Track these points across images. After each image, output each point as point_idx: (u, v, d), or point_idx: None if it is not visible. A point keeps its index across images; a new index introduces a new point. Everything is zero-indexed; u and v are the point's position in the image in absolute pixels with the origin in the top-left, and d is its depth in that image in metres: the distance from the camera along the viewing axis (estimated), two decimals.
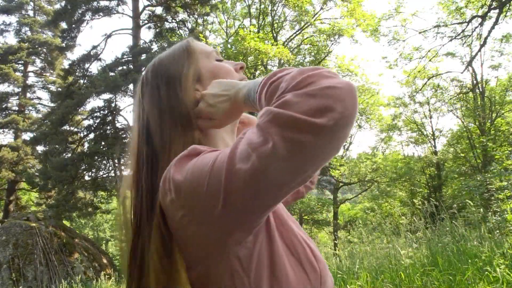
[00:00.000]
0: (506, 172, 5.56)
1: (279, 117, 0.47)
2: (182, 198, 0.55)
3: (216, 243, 0.56)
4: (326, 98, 0.47)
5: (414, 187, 16.03)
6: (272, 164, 0.47)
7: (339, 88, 0.48)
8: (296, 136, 0.46)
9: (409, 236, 4.76)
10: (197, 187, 0.53)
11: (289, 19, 15.60)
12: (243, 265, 0.56)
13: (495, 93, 14.69)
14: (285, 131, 0.46)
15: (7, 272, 7.41)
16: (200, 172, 0.54)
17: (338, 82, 0.49)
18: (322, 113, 0.46)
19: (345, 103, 0.48)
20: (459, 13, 12.44)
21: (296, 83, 0.50)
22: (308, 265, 0.61)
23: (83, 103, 11.97)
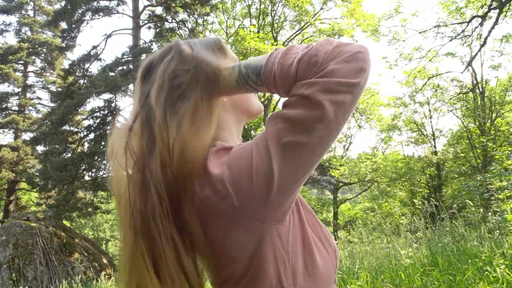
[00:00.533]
0: (506, 172, 5.56)
1: (328, 84, 0.54)
2: (227, 188, 0.57)
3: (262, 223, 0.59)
4: (358, 61, 0.56)
5: (414, 187, 16.03)
6: (322, 128, 0.55)
7: (363, 52, 0.58)
8: (341, 98, 0.55)
9: (409, 236, 4.76)
10: (243, 172, 0.57)
11: (289, 19, 15.62)
12: (283, 243, 0.61)
13: (495, 93, 14.69)
14: (332, 95, 0.54)
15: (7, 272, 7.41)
16: (244, 158, 0.58)
17: (360, 47, 0.58)
18: (357, 74, 0.56)
19: (369, 63, 0.58)
20: (459, 13, 12.44)
21: (330, 55, 0.57)
22: (326, 241, 0.69)
23: (83, 103, 11.96)
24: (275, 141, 0.56)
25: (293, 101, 0.57)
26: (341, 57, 0.56)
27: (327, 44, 0.59)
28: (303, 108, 0.55)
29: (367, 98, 16.39)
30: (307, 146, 0.55)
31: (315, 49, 0.58)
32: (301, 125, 0.55)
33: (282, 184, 0.56)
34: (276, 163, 0.55)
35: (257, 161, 0.56)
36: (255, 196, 0.56)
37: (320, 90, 0.54)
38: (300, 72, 0.57)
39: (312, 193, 19.40)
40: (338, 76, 0.54)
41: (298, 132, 0.55)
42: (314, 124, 0.54)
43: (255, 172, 0.56)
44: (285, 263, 0.61)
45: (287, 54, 0.60)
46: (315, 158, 0.57)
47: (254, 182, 0.56)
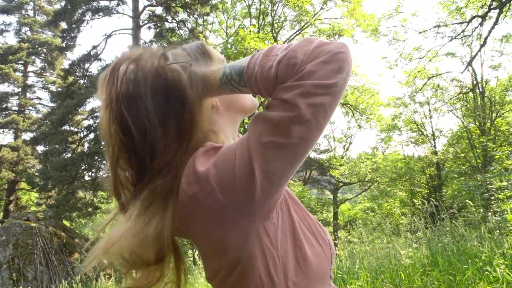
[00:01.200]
0: (506, 172, 5.55)
1: (304, 86, 0.55)
2: (213, 185, 0.59)
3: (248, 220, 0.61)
4: (337, 62, 0.57)
5: (414, 187, 16.02)
6: (301, 129, 0.56)
7: (344, 52, 0.58)
8: (318, 100, 0.55)
9: (409, 236, 4.76)
10: (228, 170, 0.59)
11: (289, 19, 15.62)
12: (271, 239, 0.62)
13: (495, 93, 14.68)
14: (309, 98, 0.55)
15: (7, 272, 7.41)
16: (228, 157, 0.60)
17: (340, 46, 0.58)
18: (335, 74, 0.56)
19: (349, 62, 0.58)
20: (459, 13, 12.43)
21: (309, 57, 0.57)
22: (320, 238, 0.70)
23: (83, 103, 11.96)
24: (255, 140, 0.57)
25: (273, 104, 0.58)
26: (320, 58, 0.56)
27: (307, 44, 0.59)
28: (281, 110, 0.56)
29: (367, 98, 16.39)
30: (287, 146, 0.56)
31: (294, 50, 0.58)
32: (280, 127, 0.56)
33: (263, 183, 0.57)
34: (256, 162, 0.57)
35: (239, 160, 0.58)
36: (238, 194, 0.58)
37: (298, 94, 0.55)
38: (279, 74, 0.58)
39: (312, 193, 19.40)
40: (315, 78, 0.55)
41: (277, 133, 0.56)
42: (292, 125, 0.55)
43: (237, 170, 0.58)
44: (275, 259, 0.62)
45: (268, 56, 0.61)
46: (298, 158, 0.59)
47: (237, 180, 0.58)
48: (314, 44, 0.59)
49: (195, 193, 0.60)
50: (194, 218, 0.63)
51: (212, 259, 0.67)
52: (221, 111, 0.76)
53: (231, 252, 0.62)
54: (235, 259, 0.62)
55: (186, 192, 0.62)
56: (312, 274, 0.65)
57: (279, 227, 0.64)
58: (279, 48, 0.62)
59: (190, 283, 5.11)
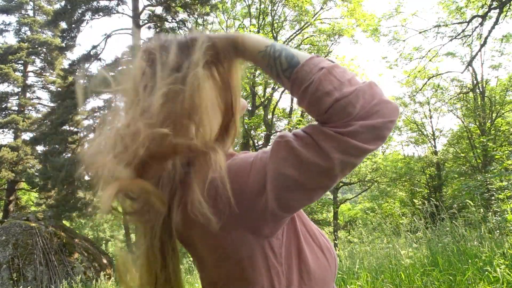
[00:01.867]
0: (506, 172, 5.55)
1: (345, 144, 0.54)
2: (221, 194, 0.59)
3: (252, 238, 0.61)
4: (386, 130, 0.56)
5: (414, 187, 16.02)
6: (324, 179, 0.56)
7: (394, 122, 0.57)
8: (353, 160, 0.55)
9: (409, 236, 4.76)
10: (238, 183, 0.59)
11: (289, 19, 15.60)
12: (276, 254, 0.62)
13: (495, 93, 14.68)
14: (345, 156, 0.55)
15: (7, 272, 7.41)
16: (242, 169, 0.60)
17: (395, 113, 0.57)
18: (376, 141, 0.56)
19: (390, 131, 0.58)
20: (459, 13, 12.43)
21: (364, 113, 0.55)
22: (327, 250, 0.70)
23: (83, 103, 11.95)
24: (276, 166, 0.57)
25: (308, 141, 0.56)
26: (372, 121, 0.54)
27: (369, 95, 0.56)
28: (315, 155, 0.55)
29: None
30: (308, 189, 0.57)
31: (356, 95, 0.55)
32: (307, 170, 0.55)
33: (274, 209, 0.58)
34: (270, 186, 0.57)
35: (253, 176, 0.58)
36: (246, 209, 0.59)
37: (337, 148, 0.54)
38: (331, 112, 0.55)
39: None
40: (359, 140, 0.54)
41: (302, 173, 0.55)
42: (320, 176, 0.56)
43: (249, 186, 0.58)
44: (279, 275, 0.62)
45: (331, 74, 0.56)
46: (313, 199, 0.60)
47: (245, 194, 0.58)
48: (376, 99, 0.56)
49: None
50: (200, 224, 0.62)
51: (213, 266, 0.66)
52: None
53: (233, 262, 0.62)
54: (237, 269, 0.62)
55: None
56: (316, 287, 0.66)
57: (283, 243, 0.64)
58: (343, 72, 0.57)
59: (190, 283, 5.11)
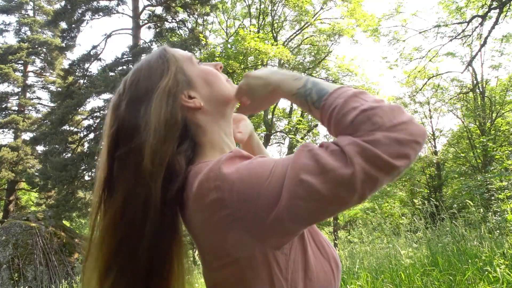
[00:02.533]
0: (506, 172, 5.56)
1: (368, 152, 0.52)
2: (234, 197, 0.57)
3: (257, 247, 0.59)
4: (410, 149, 0.54)
5: (414, 187, 16.02)
6: (344, 189, 0.53)
7: (421, 143, 0.56)
8: (375, 173, 0.52)
9: (409, 236, 4.76)
10: (254, 189, 0.56)
11: (289, 19, 15.61)
12: (281, 269, 0.60)
13: (495, 93, 14.68)
14: (368, 165, 0.52)
15: (7, 272, 7.41)
16: (259, 175, 0.57)
17: (423, 135, 0.56)
18: (401, 159, 0.53)
19: (417, 154, 0.56)
20: (459, 13, 12.44)
21: (390, 126, 0.54)
22: (333, 262, 0.69)
23: (83, 103, 11.96)
24: (295, 173, 0.54)
25: (332, 148, 0.55)
26: (396, 136, 0.53)
27: (397, 112, 0.56)
28: (336, 160, 0.53)
29: None
30: (322, 198, 0.53)
31: (383, 109, 0.55)
32: (327, 175, 0.53)
33: (281, 217, 0.55)
34: (285, 193, 0.54)
35: (270, 184, 0.56)
36: (254, 215, 0.56)
37: (361, 155, 0.52)
38: (356, 122, 0.55)
39: None
40: (381, 151, 0.52)
41: (320, 181, 0.53)
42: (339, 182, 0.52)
43: (264, 193, 0.56)
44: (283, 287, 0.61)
45: (357, 96, 0.58)
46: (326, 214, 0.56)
47: (258, 201, 0.56)
48: (403, 117, 0.55)
49: (214, 200, 0.58)
50: (206, 223, 0.61)
51: (214, 269, 0.64)
52: (207, 110, 0.73)
53: (234, 269, 0.60)
54: (237, 276, 0.60)
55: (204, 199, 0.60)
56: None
57: (291, 259, 0.62)
58: (371, 97, 0.59)
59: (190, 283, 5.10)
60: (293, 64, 13.17)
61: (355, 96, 0.58)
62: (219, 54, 11.03)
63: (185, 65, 0.75)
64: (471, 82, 15.12)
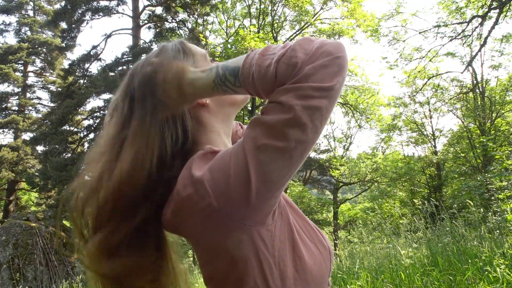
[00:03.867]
0: (506, 172, 5.55)
1: (299, 89, 0.55)
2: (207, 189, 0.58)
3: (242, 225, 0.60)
4: (335, 66, 0.56)
5: (414, 187, 16.02)
6: (295, 130, 0.55)
7: (342, 56, 0.57)
8: (315, 103, 0.55)
9: (409, 236, 4.76)
10: (224, 174, 0.58)
11: (289, 19, 15.61)
12: (267, 246, 0.61)
13: (495, 93, 14.68)
14: (304, 100, 0.54)
15: (7, 272, 7.41)
16: (225, 160, 0.59)
17: (340, 49, 0.58)
18: (332, 78, 0.56)
19: (346, 66, 0.58)
20: (459, 13, 12.43)
21: (308, 58, 0.56)
22: (320, 244, 0.70)
23: (83, 103, 11.97)
24: (250, 144, 0.57)
25: (269, 108, 0.58)
26: (318, 61, 0.56)
27: (307, 43, 0.58)
28: (277, 113, 0.56)
29: (367, 98, 16.39)
30: (283, 149, 0.55)
31: (293, 49, 0.58)
32: (275, 129, 0.55)
33: (259, 187, 0.56)
34: (251, 166, 0.56)
35: (234, 164, 0.57)
36: (233, 198, 0.58)
37: (294, 96, 0.55)
38: (279, 73, 0.57)
39: (312, 193, 19.40)
40: (313, 81, 0.55)
41: (273, 136, 0.55)
42: (288, 128, 0.55)
43: (233, 174, 0.57)
44: (271, 266, 0.61)
45: (264, 55, 0.59)
46: (294, 161, 0.58)
47: (231, 184, 0.57)
48: (315, 44, 0.58)
49: (189, 195, 0.60)
50: (188, 220, 0.63)
51: (206, 263, 0.66)
52: (212, 109, 0.75)
53: (224, 257, 0.61)
54: (229, 264, 0.61)
55: (181, 194, 0.61)
56: (311, 282, 0.65)
57: (276, 236, 0.63)
58: (276, 47, 0.60)
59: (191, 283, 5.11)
60: None
61: (263, 56, 0.59)
62: (219, 54, 11.02)
63: (200, 60, 0.76)
64: (471, 82, 15.12)
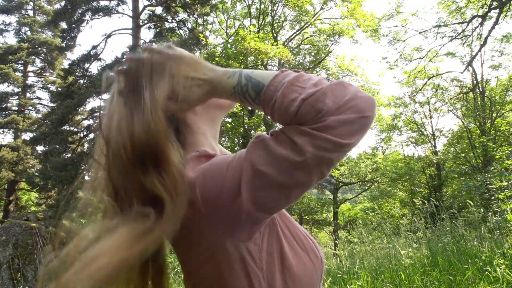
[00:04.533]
0: (506, 172, 5.56)
1: (317, 139, 0.53)
2: (198, 195, 0.58)
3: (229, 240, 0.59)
4: (360, 125, 0.54)
5: (414, 187, 16.02)
6: (301, 174, 0.54)
7: (371, 116, 0.55)
8: (327, 155, 0.54)
9: (409, 236, 4.76)
10: (216, 184, 0.58)
11: (289, 19, 15.62)
12: (255, 259, 0.61)
13: (495, 93, 14.68)
14: (319, 151, 0.53)
15: (7, 272, 7.41)
16: (220, 171, 0.58)
17: (371, 106, 0.55)
18: (353, 136, 0.54)
19: (369, 126, 0.57)
20: (459, 13, 12.44)
21: (336, 109, 0.53)
22: (313, 254, 0.68)
23: (83, 103, 11.96)
24: (251, 164, 0.55)
25: (281, 138, 0.56)
26: (344, 116, 0.53)
27: (340, 90, 0.55)
28: (288, 149, 0.54)
29: None
30: (283, 186, 0.55)
31: (324, 93, 0.54)
32: (280, 165, 0.54)
33: (249, 209, 0.56)
34: (245, 186, 0.55)
35: (229, 178, 0.57)
36: (220, 209, 0.58)
37: (310, 142, 0.53)
38: (301, 112, 0.54)
39: (312, 193, 19.38)
40: (332, 134, 0.53)
41: (276, 170, 0.54)
42: (294, 170, 0.54)
43: (226, 187, 0.57)
44: (260, 280, 0.60)
45: (293, 85, 0.56)
46: (292, 198, 0.57)
47: (222, 195, 0.57)
48: (347, 94, 0.55)
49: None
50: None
51: (192, 274, 0.65)
52: (198, 110, 0.74)
53: (211, 268, 0.61)
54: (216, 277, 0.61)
55: None
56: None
57: (263, 249, 0.62)
58: (307, 79, 0.57)
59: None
60: (293, 64, 13.16)
61: (292, 85, 0.56)
62: (219, 54, 11.02)
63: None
64: (471, 82, 15.12)
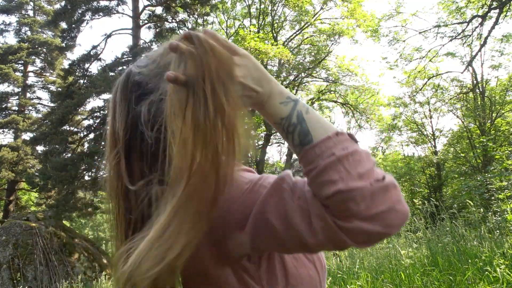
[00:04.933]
0: (506, 172, 5.56)
1: (334, 236, 0.50)
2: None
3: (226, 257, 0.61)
4: (380, 238, 0.51)
5: (414, 187, 16.03)
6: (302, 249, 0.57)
7: (395, 232, 0.52)
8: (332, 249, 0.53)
9: (409, 236, 4.76)
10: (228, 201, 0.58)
11: (289, 19, 15.61)
12: (254, 278, 0.61)
13: (495, 93, 14.68)
14: (330, 244, 0.52)
15: (7, 272, 7.41)
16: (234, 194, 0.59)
17: (400, 224, 0.51)
18: (367, 244, 0.52)
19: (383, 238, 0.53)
20: (459, 13, 12.44)
21: (365, 216, 0.49)
22: (319, 263, 0.68)
23: (83, 103, 11.95)
24: (262, 209, 0.55)
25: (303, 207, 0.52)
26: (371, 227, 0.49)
27: (379, 199, 0.50)
28: (304, 226, 0.52)
29: (367, 98, 16.37)
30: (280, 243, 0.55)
31: (363, 195, 0.49)
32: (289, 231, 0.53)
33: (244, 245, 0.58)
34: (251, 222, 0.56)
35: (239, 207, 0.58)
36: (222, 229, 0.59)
37: (326, 234, 0.51)
38: (332, 201, 0.50)
39: None
40: (351, 239, 0.50)
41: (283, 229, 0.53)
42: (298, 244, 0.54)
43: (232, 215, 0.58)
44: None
45: (340, 163, 0.50)
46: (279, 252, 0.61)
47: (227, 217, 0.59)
48: (384, 205, 0.50)
49: None
50: None
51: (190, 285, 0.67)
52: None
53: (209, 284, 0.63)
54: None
55: None
56: None
57: (262, 267, 0.62)
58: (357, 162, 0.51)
59: None
60: (293, 64, 13.16)
61: (339, 163, 0.50)
62: None
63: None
64: (471, 82, 15.13)
